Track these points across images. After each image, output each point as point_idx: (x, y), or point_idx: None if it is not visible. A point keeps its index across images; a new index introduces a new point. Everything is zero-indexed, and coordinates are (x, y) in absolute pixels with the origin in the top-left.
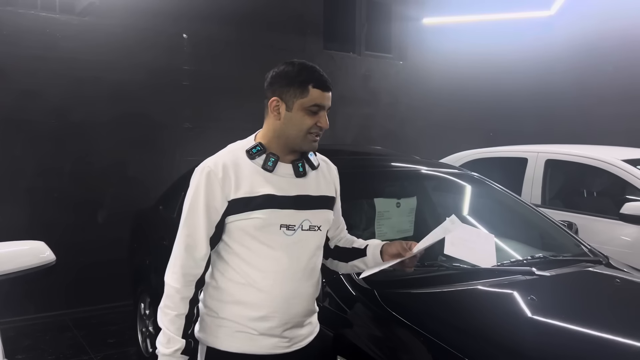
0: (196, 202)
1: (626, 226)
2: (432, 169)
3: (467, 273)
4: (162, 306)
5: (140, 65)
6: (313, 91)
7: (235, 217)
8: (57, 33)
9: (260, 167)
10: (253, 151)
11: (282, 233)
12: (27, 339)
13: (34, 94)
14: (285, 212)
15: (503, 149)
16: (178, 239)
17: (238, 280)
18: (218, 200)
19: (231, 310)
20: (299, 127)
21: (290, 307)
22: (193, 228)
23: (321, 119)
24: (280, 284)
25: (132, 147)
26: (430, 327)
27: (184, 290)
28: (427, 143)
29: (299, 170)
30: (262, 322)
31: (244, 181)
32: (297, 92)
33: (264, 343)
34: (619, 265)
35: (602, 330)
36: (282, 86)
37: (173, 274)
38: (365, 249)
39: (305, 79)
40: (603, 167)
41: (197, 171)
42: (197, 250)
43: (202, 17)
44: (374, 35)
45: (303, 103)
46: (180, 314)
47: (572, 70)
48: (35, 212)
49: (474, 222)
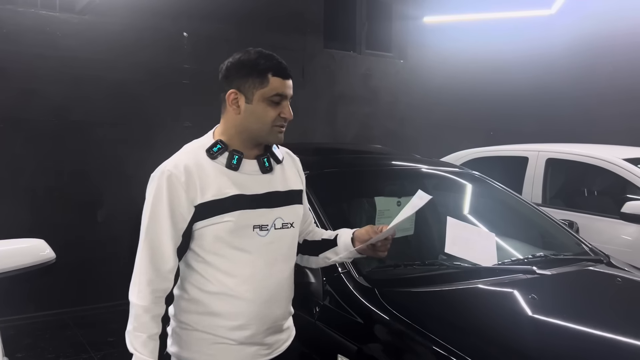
0: (158, 210)
1: (627, 225)
2: (433, 167)
3: (468, 272)
4: (130, 329)
5: (140, 64)
6: (273, 80)
7: (204, 223)
8: (57, 31)
9: (224, 167)
10: (214, 150)
11: (256, 234)
12: (27, 337)
13: (34, 92)
14: (256, 212)
15: (504, 147)
16: (140, 252)
17: (212, 290)
18: (184, 206)
19: (208, 321)
20: (262, 119)
21: (269, 312)
22: (157, 239)
23: (284, 109)
24: (258, 289)
25: (132, 145)
26: (431, 326)
27: (154, 308)
28: (427, 142)
29: (264, 166)
30: (241, 330)
31: (210, 183)
32: (256, 83)
33: (244, 353)
34: (620, 265)
35: (603, 330)
36: (239, 77)
37: (139, 292)
38: (335, 239)
39: (264, 67)
40: (604, 166)
41: (154, 176)
42: (163, 263)
43: (202, 15)
44: (375, 34)
45: (264, 93)
46: (153, 334)
47: (572, 69)
48: (35, 210)
49: (475, 221)
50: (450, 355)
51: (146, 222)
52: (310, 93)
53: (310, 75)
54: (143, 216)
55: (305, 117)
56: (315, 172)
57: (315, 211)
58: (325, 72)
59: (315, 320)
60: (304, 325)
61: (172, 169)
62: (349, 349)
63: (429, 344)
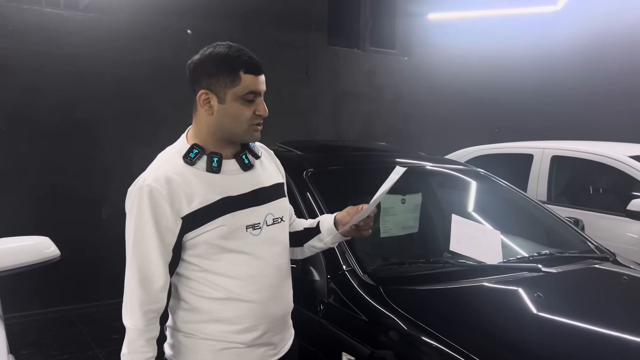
0: (143, 229)
1: (633, 223)
2: (438, 165)
3: (472, 270)
4: (125, 352)
5: (144, 61)
6: (245, 77)
7: (195, 233)
8: (61, 29)
9: (205, 171)
10: (191, 155)
11: (249, 234)
12: (32, 334)
13: (39, 90)
14: (246, 211)
15: (508, 145)
16: (129, 273)
17: (214, 296)
18: (170, 221)
19: (213, 328)
20: (237, 119)
21: (273, 310)
22: (145, 258)
23: (259, 106)
24: (260, 289)
25: (137, 143)
26: (436, 324)
27: (148, 331)
28: (431, 139)
29: (244, 163)
30: (248, 333)
31: (194, 191)
32: (227, 81)
33: (252, 355)
34: (626, 262)
35: (609, 328)
36: (209, 76)
37: (132, 315)
38: (318, 226)
39: (235, 65)
40: (609, 163)
41: (132, 192)
42: (154, 282)
43: (207, 13)
44: (379, 31)
45: (236, 92)
46: (149, 357)
47: (577, 66)
48: (40, 208)
49: (480, 219)
50: (455, 354)
51: (131, 243)
52: (314, 90)
53: (314, 73)
54: (127, 235)
55: (309, 115)
56: (319, 169)
57: (319, 208)
58: (329, 69)
59: (319, 318)
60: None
61: (151, 182)
62: (354, 346)
63: (434, 342)
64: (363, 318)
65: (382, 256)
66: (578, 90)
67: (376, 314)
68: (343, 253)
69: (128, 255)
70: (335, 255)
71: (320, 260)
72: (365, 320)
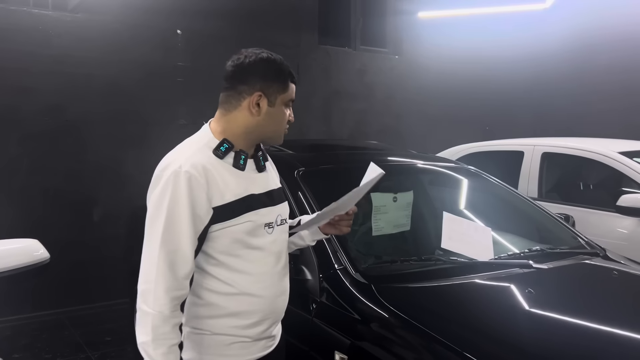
0: (178, 213)
1: (623, 218)
2: (429, 163)
3: (464, 267)
4: (146, 340)
5: (134, 61)
6: (291, 86)
7: (222, 225)
8: (49, 30)
9: (232, 166)
10: (222, 149)
11: (266, 232)
12: (24, 338)
13: (27, 91)
14: (265, 210)
15: (499, 142)
16: (155, 259)
17: (228, 291)
18: (203, 209)
19: (224, 323)
20: (280, 122)
21: (279, 306)
22: (177, 242)
23: (290, 112)
24: (271, 285)
25: (127, 144)
26: (427, 321)
27: (174, 317)
28: (423, 137)
29: (260, 165)
30: (256, 327)
31: (227, 184)
32: (280, 88)
33: (256, 348)
34: (616, 258)
35: (600, 323)
36: (265, 80)
37: (156, 300)
38: (299, 225)
39: (286, 73)
40: (599, 159)
41: (164, 177)
42: (183, 268)
43: (196, 12)
44: (369, 29)
45: (284, 98)
46: (173, 344)
47: (567, 64)
48: (31, 210)
49: (471, 216)
50: (448, 351)
51: (161, 227)
52: (305, 89)
53: (305, 72)
54: (154, 219)
55: (300, 114)
56: (311, 168)
57: (311, 208)
58: (320, 68)
59: (312, 317)
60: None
61: (190, 169)
62: (346, 345)
63: (425, 339)
64: (355, 316)
65: (374, 254)
66: (568, 88)
67: (368, 312)
68: (335, 252)
69: (155, 240)
70: (327, 254)
71: (313, 260)
72: (357, 318)
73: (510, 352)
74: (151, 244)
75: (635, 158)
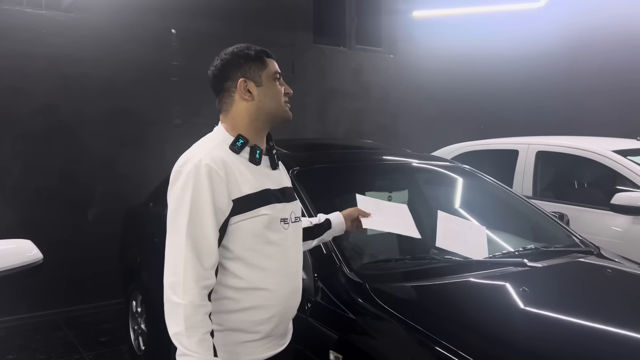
0: (201, 204)
1: (617, 217)
2: (424, 162)
3: (458, 265)
4: (179, 331)
5: (128, 61)
6: (269, 61)
7: (240, 217)
8: (43, 29)
9: (248, 161)
10: (238, 144)
11: (282, 228)
12: (19, 338)
13: (21, 91)
14: (280, 205)
15: (494, 141)
16: (182, 250)
17: (243, 286)
18: (224, 201)
19: (237, 318)
20: (276, 96)
21: (292, 303)
22: (202, 233)
23: (284, 85)
24: (285, 280)
25: (122, 143)
26: (422, 320)
27: (205, 305)
28: (418, 136)
29: (274, 162)
30: (267, 324)
31: (245, 177)
32: (258, 66)
33: (267, 346)
34: (610, 256)
35: (594, 321)
36: (240, 67)
37: (186, 291)
38: (328, 222)
39: (257, 52)
40: (594, 158)
41: (185, 171)
42: (210, 258)
43: (191, 12)
44: (364, 29)
45: (268, 73)
46: (207, 332)
47: (562, 62)
48: (25, 210)
49: (466, 215)
50: (442, 350)
51: (186, 219)
52: (300, 89)
53: (301, 71)
54: (177, 212)
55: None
56: (306, 167)
57: (306, 207)
58: (316, 67)
59: (307, 316)
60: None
61: (210, 162)
62: (341, 344)
63: (420, 338)
64: (350, 316)
65: (369, 254)
66: (562, 86)
67: (363, 311)
68: (330, 251)
69: (180, 232)
70: (322, 254)
71: (307, 259)
72: (352, 318)
73: (505, 351)
74: (176, 236)
75: (629, 156)
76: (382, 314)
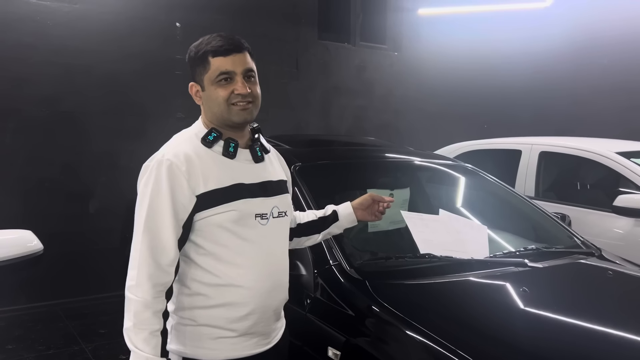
0: (158, 201)
1: (619, 218)
2: (426, 160)
3: (459, 264)
4: (129, 326)
5: (132, 54)
6: (214, 61)
7: (207, 213)
8: (47, 21)
9: (221, 155)
10: (209, 138)
11: (257, 223)
12: (18, 329)
13: (25, 82)
14: (256, 200)
15: (497, 140)
16: (139, 245)
17: (216, 282)
18: (186, 196)
19: (210, 314)
20: (216, 102)
21: (270, 301)
22: (157, 231)
23: (236, 85)
24: (261, 278)
25: (124, 136)
26: (421, 319)
27: (155, 304)
28: (421, 135)
29: (257, 155)
30: (243, 321)
31: (211, 172)
32: (201, 69)
33: (245, 344)
34: (612, 257)
35: (594, 322)
36: (191, 68)
37: (139, 286)
38: (334, 214)
39: (203, 52)
40: (597, 159)
41: (149, 167)
42: (165, 256)
43: (196, 6)
44: (369, 25)
45: (210, 77)
46: (155, 330)
47: (567, 62)
48: (27, 201)
49: (468, 214)
50: (441, 348)
51: (144, 214)
52: (304, 85)
53: (304, 67)
54: (139, 208)
55: (299, 109)
56: (308, 164)
57: (307, 203)
58: (319, 63)
59: (306, 312)
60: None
61: (171, 157)
62: (340, 341)
63: (419, 336)
64: (349, 312)
65: (369, 251)
66: (567, 87)
67: (362, 308)
68: (330, 248)
69: (139, 228)
70: (322, 250)
71: (307, 255)
72: (351, 314)
73: (505, 350)
74: (136, 230)
75: (633, 158)
76: (381, 312)
